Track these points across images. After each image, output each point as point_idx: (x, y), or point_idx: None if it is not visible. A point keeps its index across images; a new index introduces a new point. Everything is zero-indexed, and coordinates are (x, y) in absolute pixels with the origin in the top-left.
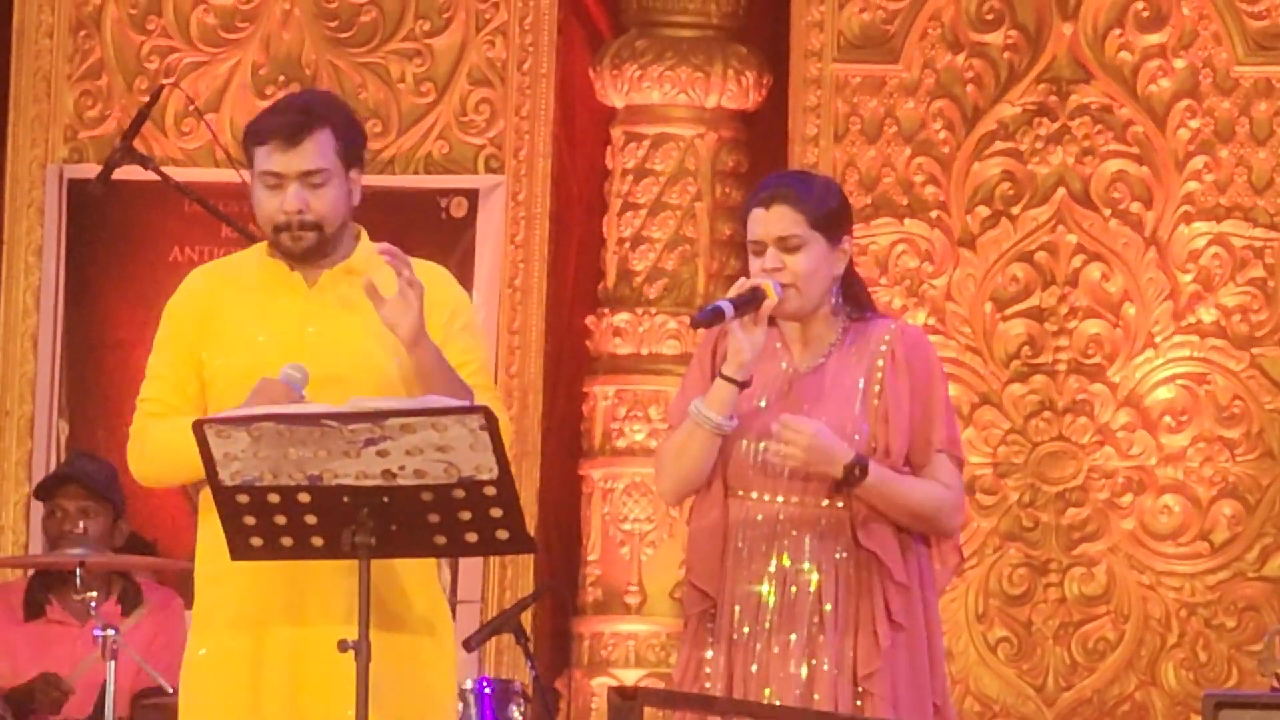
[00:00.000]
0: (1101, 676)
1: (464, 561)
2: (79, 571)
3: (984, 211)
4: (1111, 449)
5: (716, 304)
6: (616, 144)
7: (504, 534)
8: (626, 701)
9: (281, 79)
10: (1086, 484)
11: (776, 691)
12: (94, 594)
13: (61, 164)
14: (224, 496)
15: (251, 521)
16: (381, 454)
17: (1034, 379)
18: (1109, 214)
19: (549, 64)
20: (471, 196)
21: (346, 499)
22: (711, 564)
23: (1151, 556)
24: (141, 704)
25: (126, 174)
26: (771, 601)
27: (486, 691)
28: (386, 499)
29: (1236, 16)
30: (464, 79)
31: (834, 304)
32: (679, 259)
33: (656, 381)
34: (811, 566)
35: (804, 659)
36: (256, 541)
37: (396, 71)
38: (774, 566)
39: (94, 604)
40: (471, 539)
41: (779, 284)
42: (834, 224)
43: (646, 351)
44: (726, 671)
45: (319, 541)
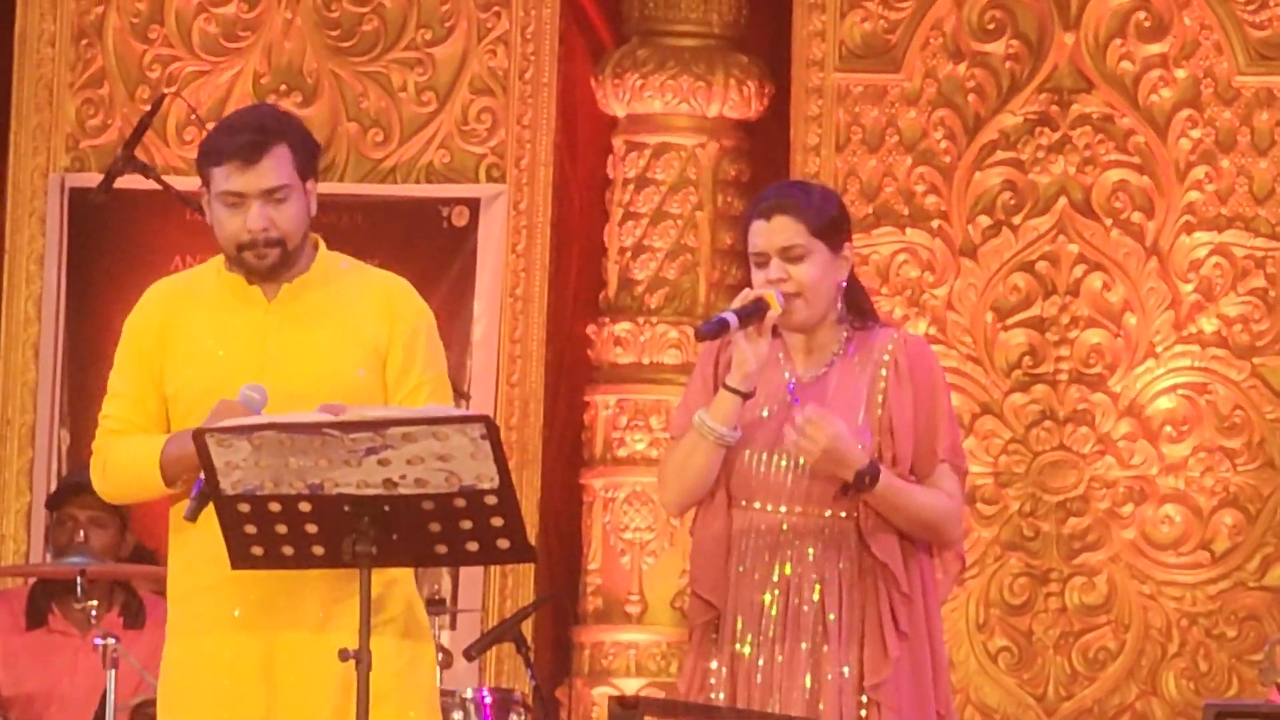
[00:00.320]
0: (1102, 686)
1: (465, 570)
2: (80, 581)
3: (985, 221)
4: (1112, 459)
5: (721, 316)
6: (618, 153)
7: (505, 543)
8: (627, 711)
9: (283, 88)
10: (1087, 494)
11: (780, 702)
12: (95, 603)
13: (63, 173)
14: (225, 505)
15: (253, 531)
16: (383, 463)
17: (1035, 388)
18: (1110, 224)
19: (551, 73)
20: (473, 205)
21: (347, 508)
22: (715, 574)
23: (1152, 566)
24: (142, 714)
25: (128, 183)
26: (775, 612)
27: (487, 701)
28: (387, 508)
29: (1238, 26)
30: (465, 88)
31: (838, 313)
32: (680, 268)
33: (658, 391)
34: (815, 577)
35: (808, 669)
36: (258, 551)
37: (398, 80)
38: (777, 576)
39: (95, 613)
40: (472, 548)
41: (783, 295)
42: (835, 232)
43: (648, 361)
44: (731, 682)
45: (320, 550)
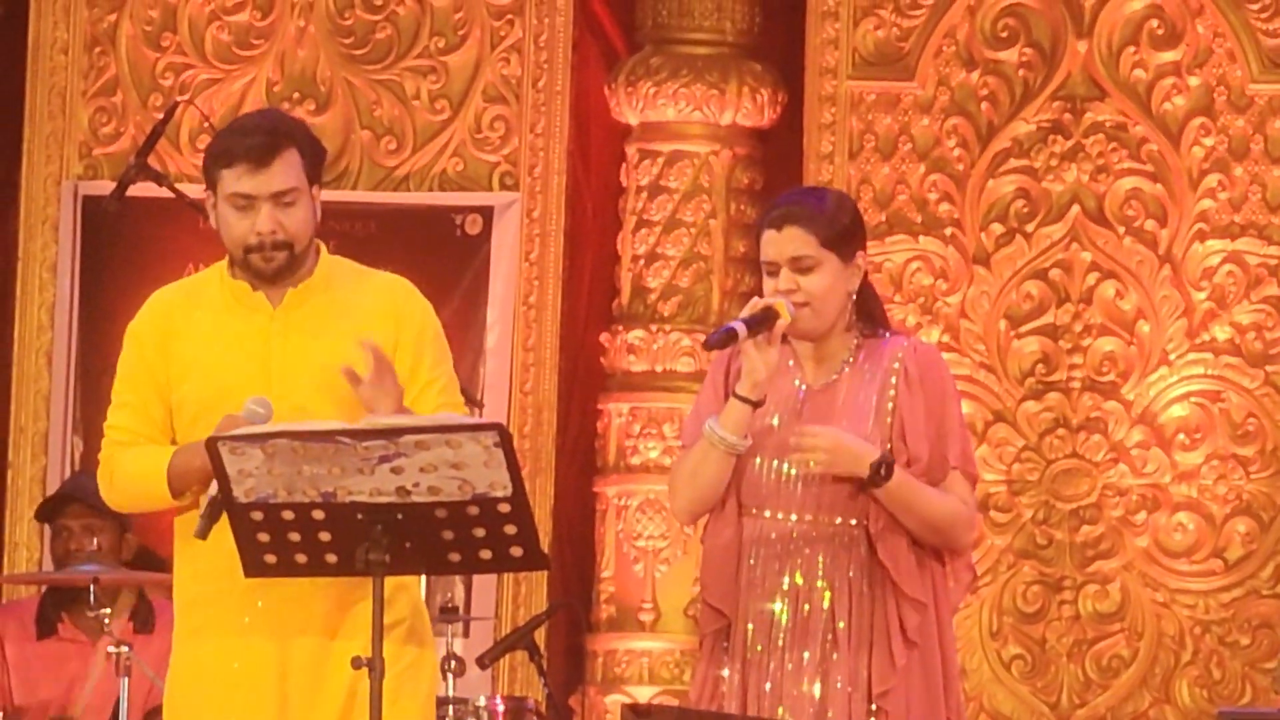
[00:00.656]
0: (1115, 694)
1: (478, 578)
2: (92, 588)
3: (998, 229)
4: (1125, 466)
5: (729, 325)
6: (631, 161)
7: (518, 551)
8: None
9: (296, 96)
10: (1100, 501)
11: (790, 710)
12: (108, 611)
13: (76, 180)
14: (238, 513)
15: (265, 539)
16: (396, 471)
17: (1048, 396)
18: (1123, 231)
19: (564, 81)
20: (486, 213)
21: (361, 516)
22: (726, 582)
23: (1165, 574)
24: None
25: (141, 190)
26: (785, 619)
27: (500, 709)
28: (401, 516)
29: (1251, 35)
30: (479, 96)
31: (848, 320)
32: (693, 276)
33: (671, 399)
34: (824, 584)
35: (817, 677)
36: (270, 559)
37: (411, 88)
38: (787, 584)
39: (109, 621)
40: (485, 556)
41: (793, 304)
42: (846, 241)
43: (661, 369)
44: (741, 689)
45: (333, 559)
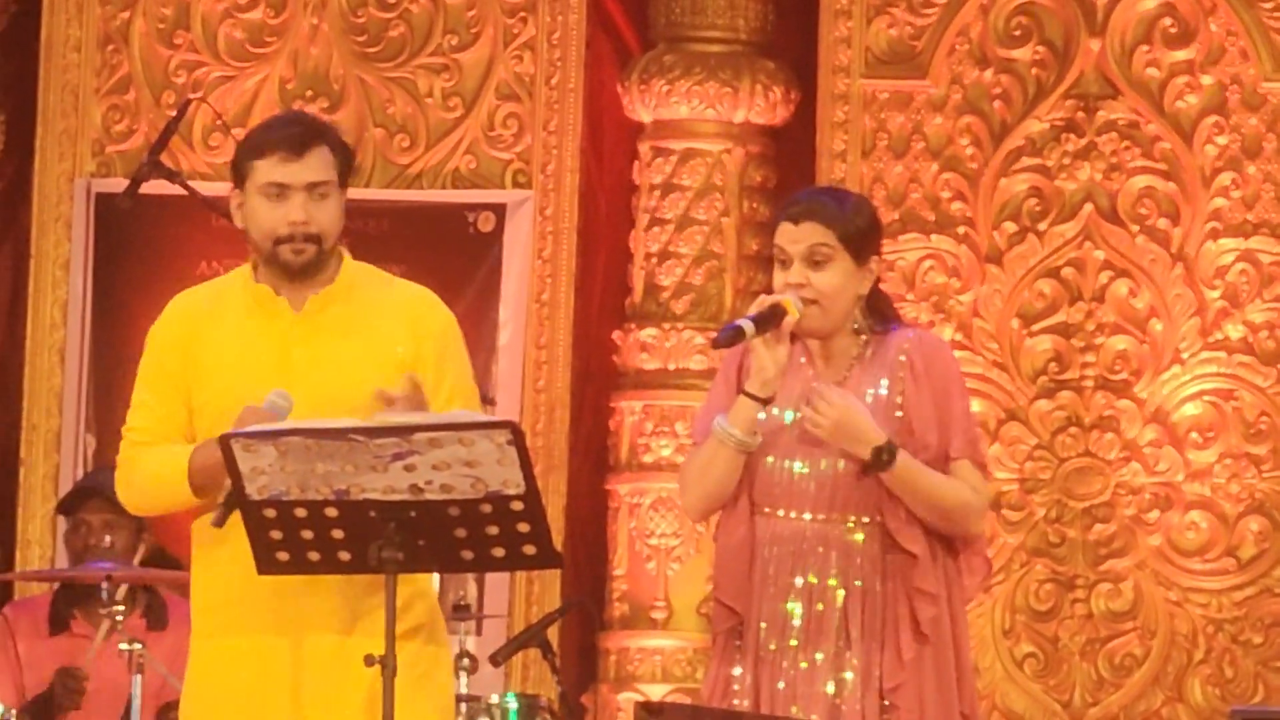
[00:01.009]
0: (1128, 693)
1: (490, 576)
2: (105, 585)
3: (1011, 227)
4: (1138, 465)
5: (736, 322)
6: (644, 159)
7: (531, 549)
8: (653, 717)
9: (309, 94)
10: (1113, 500)
11: (803, 708)
12: (120, 607)
13: (89, 178)
14: (251, 511)
15: (278, 536)
16: (409, 469)
17: (1061, 395)
18: (1136, 230)
19: (577, 79)
20: (499, 211)
21: (373, 514)
22: (739, 581)
23: (1178, 573)
24: (167, 718)
25: (154, 188)
26: (798, 619)
27: (513, 707)
28: (413, 514)
29: (1264, 33)
30: (492, 94)
31: (855, 324)
32: (706, 274)
33: (683, 397)
34: (837, 583)
35: (830, 676)
36: (283, 556)
37: (424, 86)
38: (800, 583)
39: (121, 618)
40: (498, 553)
41: (801, 300)
42: (862, 244)
43: (673, 367)
44: (754, 688)
45: (346, 556)
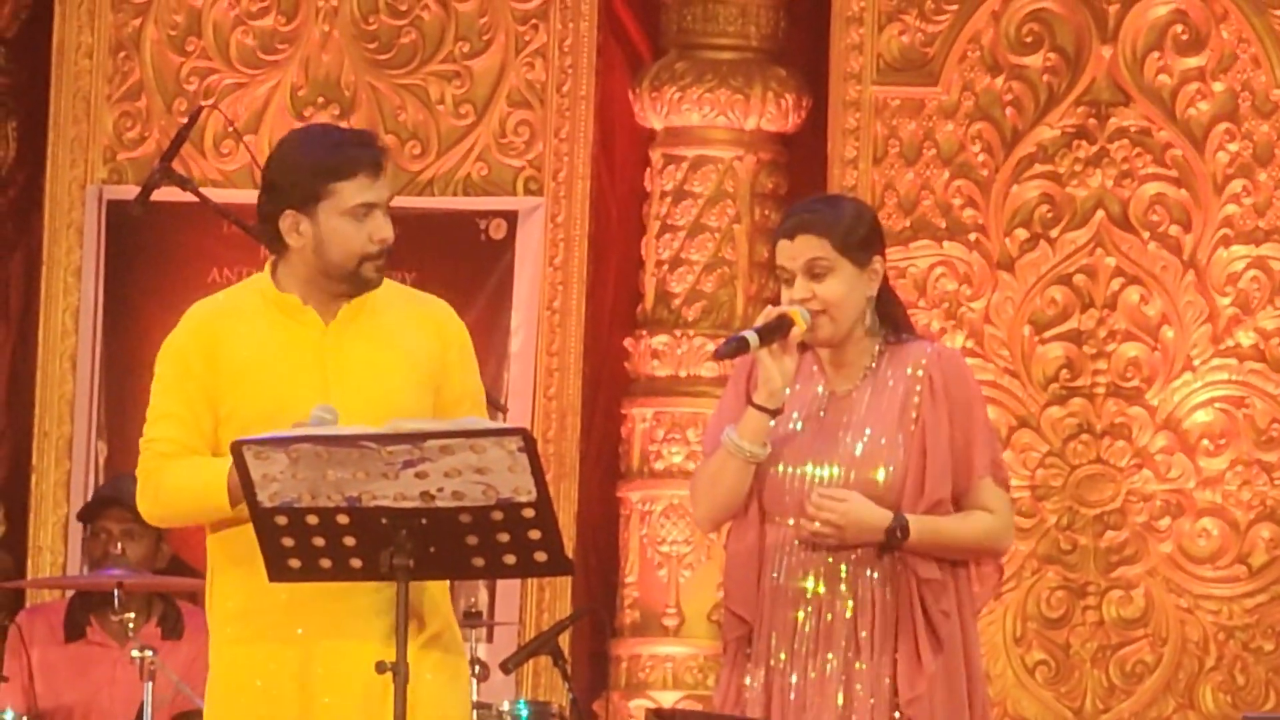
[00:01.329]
0: (1139, 699)
1: (502, 583)
2: (118, 592)
3: (1023, 234)
4: (1150, 472)
5: (741, 334)
6: (655, 166)
7: (542, 556)
8: None
9: (320, 100)
10: (1125, 507)
11: (814, 717)
12: (132, 615)
13: (101, 185)
14: (262, 518)
15: (290, 543)
16: (420, 476)
17: (1072, 402)
18: (1148, 237)
19: (588, 86)
20: (510, 218)
21: (385, 521)
22: (748, 590)
23: (1189, 580)
24: None
25: (165, 195)
26: (808, 628)
27: (524, 714)
28: (425, 521)
29: (1276, 40)
30: (503, 101)
31: (868, 326)
32: (717, 281)
33: (694, 404)
34: (847, 592)
35: (840, 685)
36: (295, 563)
37: (436, 93)
38: (810, 593)
39: (132, 625)
40: (509, 561)
41: (809, 312)
42: (861, 247)
43: (685, 374)
44: (765, 696)
45: (357, 563)
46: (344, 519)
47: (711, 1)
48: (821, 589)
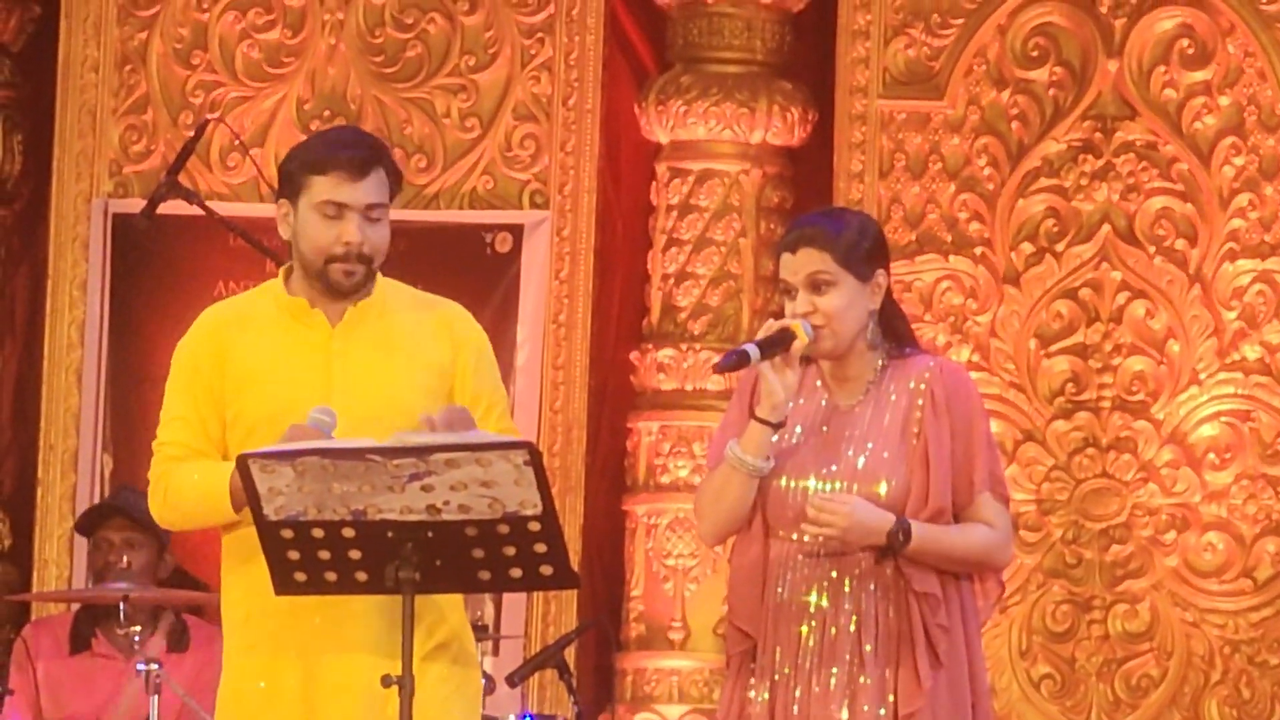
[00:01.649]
0: (1145, 713)
1: (507, 596)
2: (123, 606)
3: (1028, 248)
4: (1155, 486)
5: (741, 347)
6: (661, 180)
7: (548, 569)
8: None
9: (326, 114)
10: (1130, 521)
11: None
12: (138, 628)
13: (106, 198)
14: (268, 531)
15: (295, 556)
16: (426, 489)
17: (1078, 416)
18: (1153, 251)
19: (594, 99)
20: (516, 232)
21: (391, 534)
22: (751, 604)
23: (1195, 594)
24: None
25: (171, 208)
26: (811, 642)
27: None
28: (431, 534)
29: None
30: (509, 114)
31: (870, 340)
32: (723, 295)
33: (700, 417)
34: (851, 608)
35: (844, 699)
36: (300, 576)
37: (442, 107)
38: (813, 607)
39: (138, 638)
40: (515, 574)
41: (811, 325)
42: (863, 261)
43: (690, 387)
44: (769, 711)
45: (363, 576)
46: (349, 532)
47: (717, 15)
48: (825, 603)
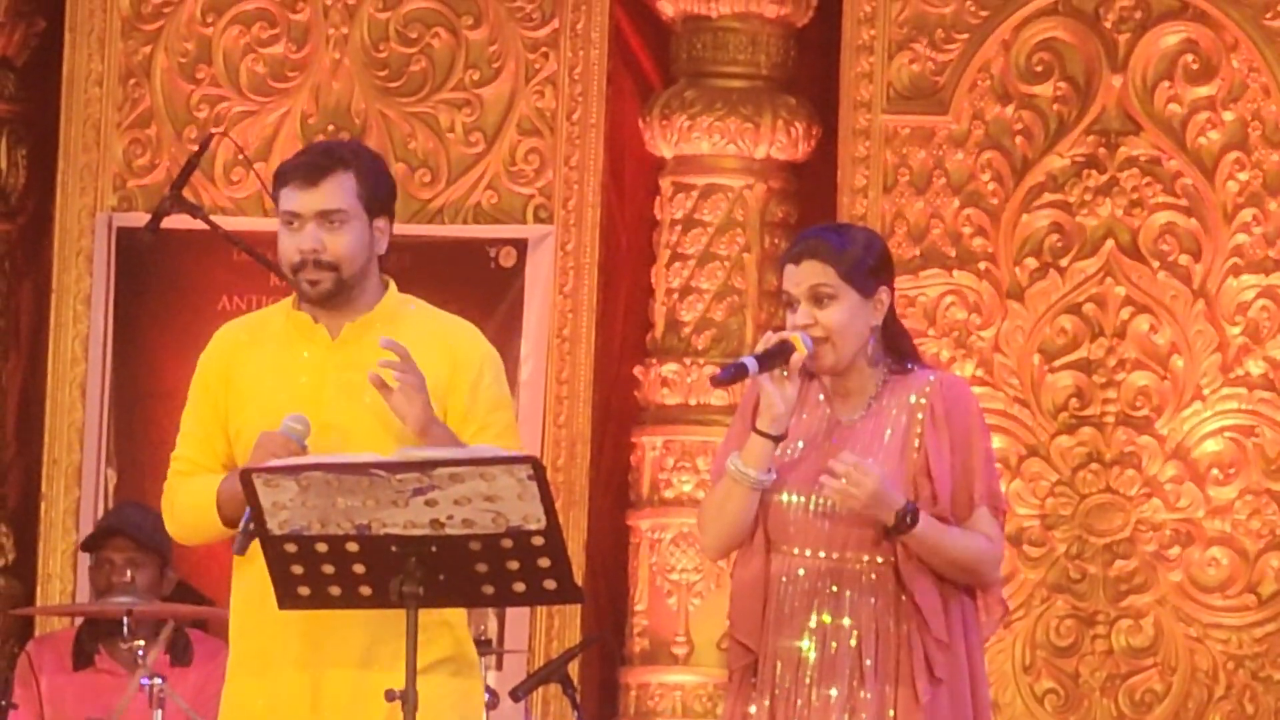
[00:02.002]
0: None
1: (511, 611)
2: (126, 620)
3: (1032, 263)
4: (1159, 501)
5: (740, 360)
6: (665, 194)
7: (551, 584)
8: None
9: (331, 128)
10: (1134, 536)
11: None
12: (141, 643)
13: (110, 212)
14: (272, 546)
15: (299, 571)
16: (429, 503)
17: (1082, 431)
18: (1157, 266)
19: (598, 114)
20: (520, 246)
21: (394, 548)
22: (753, 619)
23: (1199, 609)
24: None
25: (175, 223)
26: (812, 657)
27: None
28: (434, 548)
29: None
30: (513, 129)
31: (871, 356)
32: (727, 310)
33: (704, 432)
34: (851, 622)
35: (845, 714)
36: (304, 591)
37: (446, 121)
38: (814, 622)
39: (141, 652)
40: (519, 588)
41: (810, 339)
42: (867, 276)
43: (694, 402)
44: None
45: (367, 591)
46: (353, 546)
47: (722, 30)
48: (826, 618)
